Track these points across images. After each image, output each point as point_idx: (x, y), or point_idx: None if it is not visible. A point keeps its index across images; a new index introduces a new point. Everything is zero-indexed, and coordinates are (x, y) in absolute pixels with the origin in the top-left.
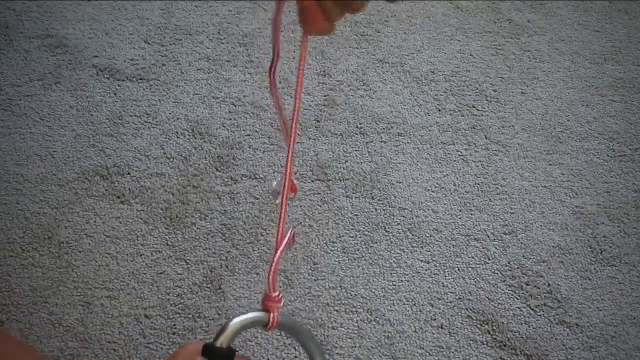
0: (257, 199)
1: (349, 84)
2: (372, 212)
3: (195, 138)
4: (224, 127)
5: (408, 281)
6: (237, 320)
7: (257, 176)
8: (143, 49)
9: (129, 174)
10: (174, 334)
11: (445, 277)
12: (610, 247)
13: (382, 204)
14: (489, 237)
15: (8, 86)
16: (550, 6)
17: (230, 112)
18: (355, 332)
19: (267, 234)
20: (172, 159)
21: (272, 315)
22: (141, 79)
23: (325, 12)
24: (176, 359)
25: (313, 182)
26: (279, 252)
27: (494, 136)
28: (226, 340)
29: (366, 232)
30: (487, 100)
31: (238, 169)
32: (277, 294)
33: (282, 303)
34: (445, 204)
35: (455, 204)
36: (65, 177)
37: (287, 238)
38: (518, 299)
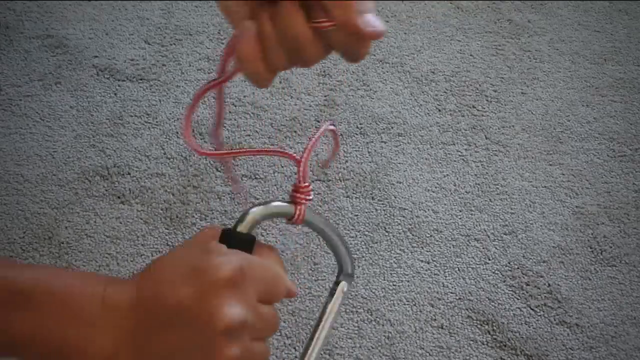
0: (257, 199)
1: (349, 84)
2: (372, 212)
3: (195, 138)
4: (224, 127)
5: (408, 281)
6: (260, 208)
7: (257, 176)
8: (143, 49)
9: (129, 174)
10: None
11: (445, 277)
12: (611, 247)
13: (382, 204)
14: (489, 237)
15: (8, 86)
16: (550, 6)
17: (230, 112)
18: (355, 332)
19: (267, 234)
20: (172, 159)
21: (299, 207)
22: (141, 79)
23: (264, 50)
24: (192, 242)
25: (313, 182)
26: (315, 139)
27: (494, 136)
28: (246, 227)
29: (366, 232)
30: (487, 100)
31: (238, 169)
32: (307, 184)
33: (312, 197)
34: (445, 204)
35: (455, 204)
36: (65, 177)
37: (321, 129)
38: (518, 299)
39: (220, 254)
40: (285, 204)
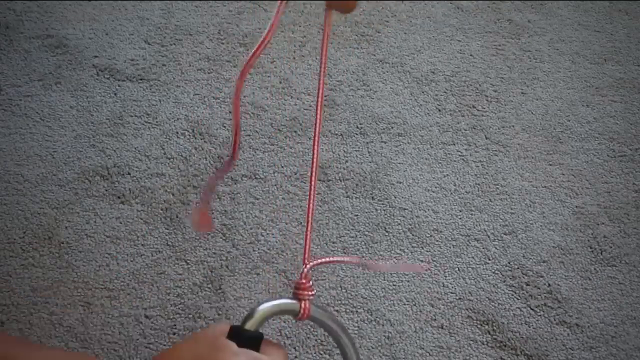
0: (257, 199)
1: (349, 84)
2: (372, 212)
3: (195, 138)
4: (224, 127)
5: (408, 281)
6: (266, 305)
7: (257, 176)
8: (143, 49)
9: (129, 174)
10: (174, 334)
11: (445, 277)
12: (610, 247)
13: (382, 204)
14: (489, 237)
15: (8, 86)
16: (550, 6)
17: (230, 112)
18: (356, 332)
19: (267, 234)
20: (172, 159)
21: (304, 303)
22: (141, 79)
23: None
24: (201, 337)
25: None
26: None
27: (494, 136)
28: (254, 324)
29: (366, 232)
30: (487, 100)
31: (238, 169)
32: (308, 282)
33: (314, 292)
34: (445, 204)
35: (455, 204)
36: (65, 177)
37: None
38: (518, 299)
39: (231, 354)
40: (291, 301)
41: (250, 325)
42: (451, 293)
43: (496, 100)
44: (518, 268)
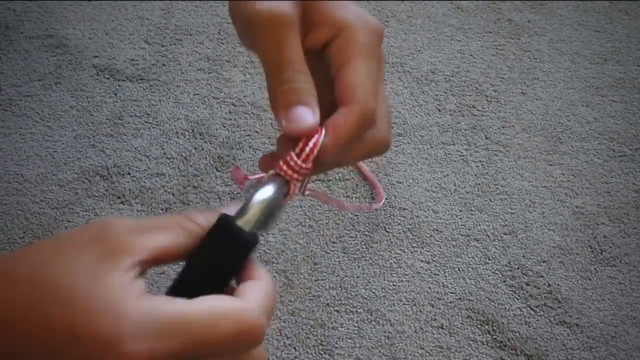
0: None
1: None
2: (372, 212)
3: (195, 138)
4: (224, 127)
5: (408, 281)
6: (262, 196)
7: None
8: (143, 49)
9: (129, 174)
10: None
11: (445, 277)
12: (611, 247)
13: (382, 203)
14: (489, 237)
15: (8, 86)
16: (550, 6)
17: (230, 112)
18: (355, 332)
19: (267, 233)
20: (172, 159)
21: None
22: (141, 79)
23: None
24: (95, 240)
25: (313, 182)
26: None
27: (494, 136)
28: (251, 222)
29: (366, 232)
30: (487, 100)
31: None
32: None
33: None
34: (445, 204)
35: (455, 203)
36: (65, 177)
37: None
38: (518, 299)
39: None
40: (280, 185)
41: (244, 223)
42: (451, 293)
43: (496, 100)
44: (518, 268)
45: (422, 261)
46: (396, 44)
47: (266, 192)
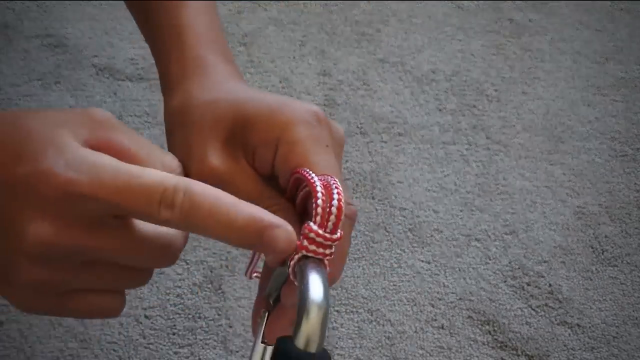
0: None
1: (349, 84)
2: (372, 212)
3: None
4: None
5: (408, 281)
6: (318, 296)
7: None
8: (143, 48)
9: None
10: (173, 334)
11: (446, 277)
12: (612, 247)
13: (382, 203)
14: (489, 237)
15: (7, 86)
16: (551, 5)
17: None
18: (356, 332)
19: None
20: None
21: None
22: (141, 79)
23: None
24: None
25: None
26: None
27: (495, 136)
28: (315, 339)
29: (366, 232)
30: (487, 100)
31: None
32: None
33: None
34: (445, 204)
35: (456, 203)
36: None
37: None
38: (519, 299)
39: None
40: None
41: (307, 342)
42: (452, 293)
43: (497, 99)
44: (519, 268)
45: (422, 261)
46: (396, 44)
47: (317, 285)
